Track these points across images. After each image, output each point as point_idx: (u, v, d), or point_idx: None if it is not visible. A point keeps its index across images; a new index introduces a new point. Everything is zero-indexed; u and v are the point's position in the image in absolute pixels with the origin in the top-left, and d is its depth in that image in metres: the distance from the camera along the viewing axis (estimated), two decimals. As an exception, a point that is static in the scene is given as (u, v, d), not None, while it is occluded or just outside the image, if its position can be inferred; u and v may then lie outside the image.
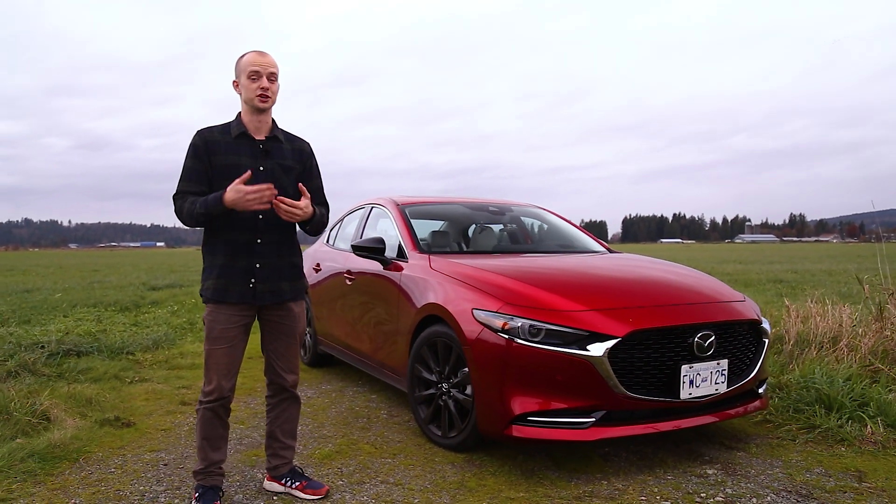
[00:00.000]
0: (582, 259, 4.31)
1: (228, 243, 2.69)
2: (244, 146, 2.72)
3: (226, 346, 2.70)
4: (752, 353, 3.47)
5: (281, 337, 2.85)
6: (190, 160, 2.67)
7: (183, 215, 2.62)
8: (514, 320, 3.12)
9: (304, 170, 2.86)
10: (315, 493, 2.86)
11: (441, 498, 2.87)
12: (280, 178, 2.75)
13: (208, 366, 2.72)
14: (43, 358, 5.61)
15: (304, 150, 2.88)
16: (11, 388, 4.10)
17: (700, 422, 3.27)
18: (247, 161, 2.70)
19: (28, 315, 9.01)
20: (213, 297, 2.68)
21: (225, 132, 2.72)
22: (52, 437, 3.52)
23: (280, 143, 2.80)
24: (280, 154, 2.79)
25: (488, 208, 5.16)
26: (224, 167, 2.66)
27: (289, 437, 2.95)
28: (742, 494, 2.87)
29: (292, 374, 2.90)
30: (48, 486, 2.97)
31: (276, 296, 2.76)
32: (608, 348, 2.98)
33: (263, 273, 2.72)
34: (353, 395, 4.84)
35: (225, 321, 2.69)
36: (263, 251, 2.73)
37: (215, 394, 2.71)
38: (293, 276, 2.83)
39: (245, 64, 2.66)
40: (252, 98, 2.65)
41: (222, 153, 2.68)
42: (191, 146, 2.69)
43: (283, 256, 2.80)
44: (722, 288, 3.71)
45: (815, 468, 3.19)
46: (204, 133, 2.70)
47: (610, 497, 2.85)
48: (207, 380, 2.72)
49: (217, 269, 2.68)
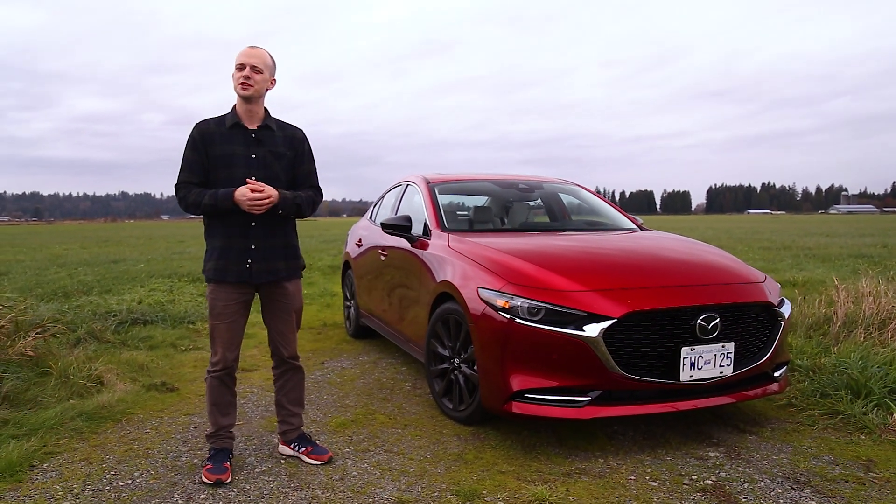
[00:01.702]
0: (600, 238, 4.29)
1: (226, 227, 2.89)
2: (237, 136, 2.90)
3: (227, 321, 2.92)
4: (765, 336, 3.40)
5: (277, 313, 3.05)
6: (189, 152, 2.88)
7: (188, 204, 2.84)
8: (515, 300, 3.18)
9: (296, 155, 3.03)
10: (318, 459, 3.06)
11: (436, 468, 3.01)
12: (272, 165, 2.93)
13: (213, 339, 2.95)
14: (113, 326, 6.10)
15: (295, 136, 3.05)
16: (72, 354, 4.52)
17: (706, 403, 3.25)
18: (240, 150, 2.89)
19: (110, 285, 9.73)
20: (214, 277, 2.91)
21: (220, 123, 2.91)
22: (102, 399, 3.89)
23: (272, 131, 2.96)
24: (272, 142, 2.96)
25: (518, 185, 5.18)
26: (219, 157, 2.86)
27: (295, 404, 3.16)
28: (735, 479, 2.85)
29: (289, 347, 3.10)
30: (90, 443, 3.31)
31: (272, 275, 2.95)
32: (603, 329, 3.01)
33: (259, 254, 2.91)
34: (385, 367, 5.03)
35: (225, 298, 2.91)
36: (258, 233, 2.91)
37: (220, 364, 2.94)
38: (288, 256, 3.02)
39: (236, 57, 2.86)
40: (235, 86, 2.85)
41: (217, 143, 2.87)
42: (189, 139, 2.89)
43: (278, 237, 2.98)
44: (737, 269, 3.62)
45: (824, 455, 3.11)
46: (201, 126, 2.90)
47: (600, 475, 2.91)
48: (213, 352, 2.96)
49: (217, 252, 2.89)
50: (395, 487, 2.79)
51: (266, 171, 2.91)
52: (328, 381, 4.61)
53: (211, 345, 2.99)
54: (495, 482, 2.82)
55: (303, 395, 3.22)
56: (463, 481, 2.83)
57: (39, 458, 3.08)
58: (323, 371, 4.91)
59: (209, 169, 2.86)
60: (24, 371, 4.00)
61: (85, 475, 2.91)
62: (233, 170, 2.86)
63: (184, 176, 2.87)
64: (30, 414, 3.54)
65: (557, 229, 4.75)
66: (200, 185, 2.85)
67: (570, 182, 5.48)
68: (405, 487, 2.79)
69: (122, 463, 3.06)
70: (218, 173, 2.84)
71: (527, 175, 5.51)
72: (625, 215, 5.03)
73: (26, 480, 2.85)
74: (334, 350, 5.70)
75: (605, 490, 2.74)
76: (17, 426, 3.37)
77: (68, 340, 5.31)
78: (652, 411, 3.17)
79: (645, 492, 2.72)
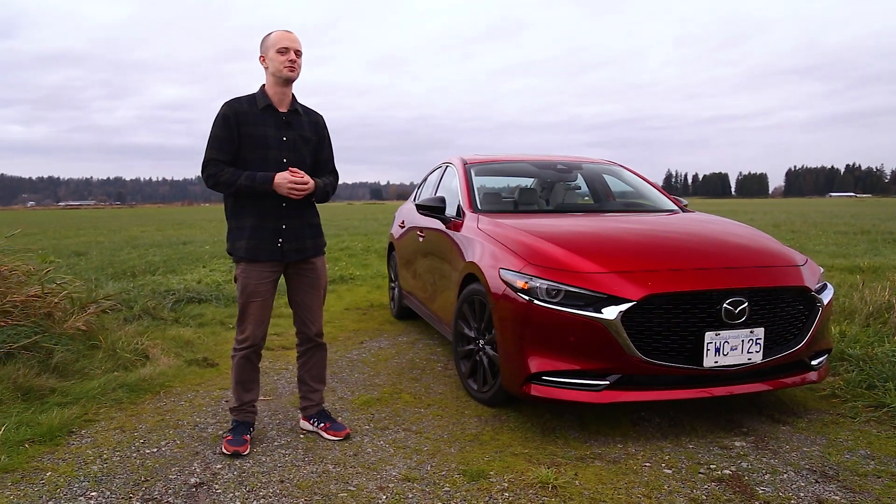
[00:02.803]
0: (632, 219, 4.16)
1: (257, 207, 2.95)
2: (269, 118, 2.96)
3: (259, 299, 3.00)
4: (801, 322, 3.22)
5: (305, 289, 3.11)
6: (219, 129, 2.92)
7: (218, 182, 2.88)
8: (534, 281, 3.14)
9: (319, 140, 3.10)
10: (335, 435, 3.12)
11: (451, 448, 3.01)
12: (301, 149, 3.01)
13: (243, 317, 3.03)
14: (170, 304, 6.39)
15: (318, 122, 3.12)
16: (122, 329, 4.76)
17: (736, 391, 3.12)
18: (272, 132, 2.95)
19: (175, 265, 10.18)
20: (246, 256, 2.96)
21: (252, 103, 2.96)
22: (144, 372, 4.09)
23: (300, 115, 3.03)
24: (300, 126, 3.03)
25: (556, 166, 5.08)
26: (252, 137, 2.92)
27: (317, 381, 3.23)
28: (756, 469, 2.74)
29: (316, 324, 3.16)
30: (126, 413, 3.49)
31: (301, 253, 3.03)
32: (622, 312, 2.93)
33: (289, 233, 2.98)
34: (421, 347, 5.07)
35: (257, 277, 2.98)
36: (289, 213, 2.98)
37: (249, 341, 3.02)
38: (313, 235, 3.10)
39: (274, 40, 2.89)
40: (281, 69, 2.88)
41: (250, 124, 2.92)
42: (220, 116, 2.93)
43: (305, 217, 3.05)
44: (772, 252, 3.44)
45: (860, 449, 2.94)
46: (233, 104, 2.95)
47: (614, 460, 2.85)
48: (241, 329, 3.04)
49: (248, 231, 2.95)
50: (406, 465, 2.82)
51: (296, 154, 2.99)
52: (363, 359, 4.69)
53: (239, 323, 3.07)
54: (505, 464, 2.81)
55: (325, 372, 3.29)
56: (473, 462, 2.83)
57: (79, 424, 3.27)
58: (360, 350, 4.99)
59: (240, 148, 2.91)
60: (75, 344, 4.24)
61: (116, 442, 3.07)
62: (266, 151, 2.93)
63: (213, 154, 2.90)
64: (76, 384, 3.76)
65: (593, 210, 4.64)
66: (229, 164, 2.90)
67: (613, 162, 5.34)
68: (415, 465, 2.81)
69: (152, 432, 3.21)
70: (249, 153, 2.90)
71: (567, 156, 5.39)
72: (667, 196, 4.86)
73: (63, 445, 3.03)
74: (376, 330, 5.79)
75: (616, 476, 2.68)
76: (63, 395, 3.59)
77: (124, 317, 5.60)
78: (675, 397, 3.07)
79: (657, 479, 2.64)
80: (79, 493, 2.55)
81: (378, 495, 2.53)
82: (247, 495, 2.54)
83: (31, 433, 3.08)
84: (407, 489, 2.58)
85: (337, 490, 2.58)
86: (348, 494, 2.54)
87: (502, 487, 2.57)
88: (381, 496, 2.53)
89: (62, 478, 2.68)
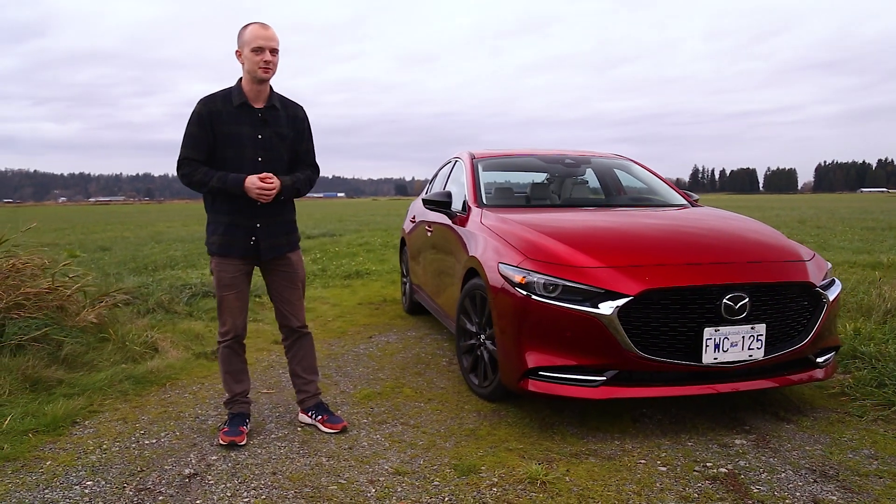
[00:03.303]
0: (637, 213, 4.10)
1: (232, 205, 2.94)
2: (245, 115, 2.93)
3: (235, 291, 3.02)
4: (805, 318, 3.15)
5: (284, 284, 3.13)
6: (195, 128, 2.89)
7: (192, 181, 2.88)
8: (532, 275, 3.12)
9: (297, 134, 3.08)
10: (332, 427, 3.14)
11: (446, 442, 3.01)
12: (277, 146, 3.00)
13: (222, 310, 3.06)
14: (185, 298, 6.47)
15: (297, 115, 3.09)
16: (133, 322, 4.84)
17: (738, 388, 3.07)
18: (247, 130, 2.94)
19: (195, 260, 10.32)
20: (219, 252, 2.98)
21: (227, 101, 2.93)
22: (152, 364, 4.15)
23: (277, 111, 3.01)
24: (277, 122, 3.00)
25: (563, 160, 5.03)
26: (227, 135, 2.91)
27: (309, 372, 3.24)
28: (754, 468, 2.68)
29: (298, 316, 3.18)
30: (131, 404, 3.55)
31: (275, 250, 3.04)
32: (618, 307, 2.89)
33: (263, 231, 2.98)
34: (429, 342, 5.07)
35: (232, 271, 3.01)
36: (263, 212, 2.98)
37: (231, 333, 3.06)
38: (287, 231, 3.10)
39: (249, 37, 2.85)
40: (255, 70, 2.85)
41: (225, 122, 2.90)
42: (195, 114, 2.90)
43: (279, 215, 3.05)
44: (777, 247, 3.37)
45: (863, 449, 2.87)
46: (208, 102, 2.92)
47: (609, 457, 2.82)
48: (222, 322, 3.07)
49: (222, 227, 2.96)
50: (399, 459, 2.82)
51: (271, 151, 2.97)
52: (369, 354, 4.70)
53: (219, 315, 3.09)
54: (498, 459, 2.79)
55: (315, 362, 3.30)
56: (466, 456, 2.82)
57: (83, 415, 3.34)
58: (368, 345, 5.00)
59: (215, 147, 2.91)
60: (86, 336, 4.32)
61: (117, 433, 3.12)
62: (241, 150, 2.92)
63: (188, 152, 2.89)
64: (84, 375, 3.83)
65: (600, 205, 4.59)
66: (204, 163, 2.90)
67: (622, 157, 5.27)
68: (408, 459, 2.81)
69: (153, 423, 3.26)
70: (225, 152, 2.89)
71: (576, 150, 5.34)
72: (677, 191, 4.79)
73: (66, 434, 3.09)
74: (386, 325, 5.80)
75: (608, 472, 2.65)
76: (70, 386, 3.66)
77: (138, 310, 5.69)
78: (675, 394, 3.03)
79: (649, 476, 2.61)
80: (75, 482, 2.60)
81: (367, 488, 2.54)
82: (238, 487, 2.56)
83: (35, 423, 3.14)
84: (397, 483, 2.59)
85: (328, 482, 2.59)
86: (338, 487, 2.55)
87: (492, 483, 2.56)
88: (370, 489, 2.53)
89: (61, 467, 2.73)
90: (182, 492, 2.52)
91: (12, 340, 3.84)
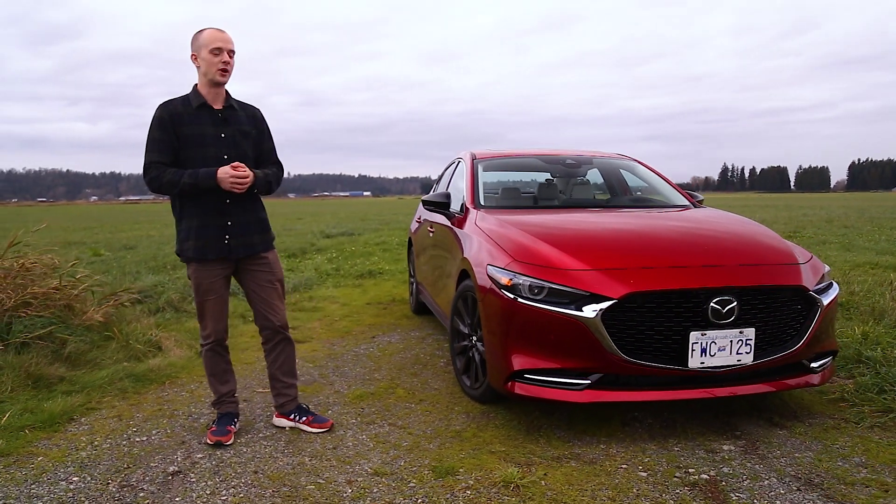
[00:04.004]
0: (632, 214, 4.06)
1: (202, 206, 2.95)
2: (205, 116, 2.96)
3: (214, 296, 3.06)
4: (798, 322, 3.09)
5: (262, 285, 3.15)
6: (157, 132, 2.90)
7: (162, 183, 2.87)
8: (518, 277, 3.11)
9: (259, 133, 3.12)
10: (320, 427, 3.17)
11: (431, 444, 3.01)
12: (240, 143, 3.03)
13: (202, 315, 3.10)
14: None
15: (256, 115, 3.14)
16: (138, 321, 4.93)
17: (726, 392, 3.03)
18: (209, 129, 2.97)
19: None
20: (195, 256, 2.98)
21: (186, 104, 2.96)
22: (153, 363, 4.23)
23: (235, 110, 3.04)
24: (237, 121, 3.04)
25: (564, 161, 5.00)
26: (189, 136, 2.93)
27: (288, 376, 3.26)
28: (737, 475, 2.64)
29: (278, 316, 3.19)
30: (128, 402, 3.62)
31: (249, 248, 3.06)
32: (601, 310, 2.87)
33: (235, 229, 3.00)
34: (430, 343, 5.08)
35: (209, 276, 3.03)
36: (234, 210, 3.00)
37: (212, 336, 3.10)
38: (261, 230, 3.12)
39: (207, 40, 2.88)
40: (213, 72, 2.89)
41: (186, 124, 2.93)
42: (156, 119, 2.91)
43: (251, 212, 3.07)
44: (770, 250, 3.31)
45: (854, 457, 2.80)
46: (167, 106, 2.94)
47: (591, 461, 2.80)
48: (203, 326, 3.12)
49: (194, 231, 2.96)
50: (380, 460, 2.83)
51: (236, 149, 3.00)
52: (368, 354, 4.73)
53: (199, 320, 3.14)
54: (478, 461, 2.79)
55: (295, 366, 3.31)
56: (447, 458, 2.83)
57: (80, 412, 3.41)
58: (369, 345, 5.03)
59: (179, 148, 2.92)
60: (91, 335, 4.42)
61: (110, 430, 3.19)
62: (204, 149, 2.93)
63: (153, 157, 2.88)
64: (85, 373, 3.92)
65: (599, 206, 4.55)
66: (169, 165, 2.90)
67: (626, 157, 5.22)
68: (389, 460, 2.83)
69: (147, 421, 3.32)
70: (189, 153, 2.91)
71: (580, 150, 5.30)
72: (680, 192, 4.73)
73: (61, 431, 3.17)
74: (391, 325, 5.82)
75: (586, 477, 2.63)
76: (71, 383, 3.75)
77: (148, 309, 5.80)
78: (663, 398, 2.99)
79: (628, 482, 2.58)
80: (62, 477, 2.66)
81: (344, 489, 2.56)
82: (218, 485, 2.60)
83: (32, 419, 3.23)
84: (374, 483, 2.60)
85: (306, 482, 2.62)
86: (315, 487, 2.58)
87: (467, 485, 2.56)
88: (346, 489, 2.55)
89: (51, 463, 2.80)
90: (164, 489, 2.57)
91: (17, 338, 3.95)
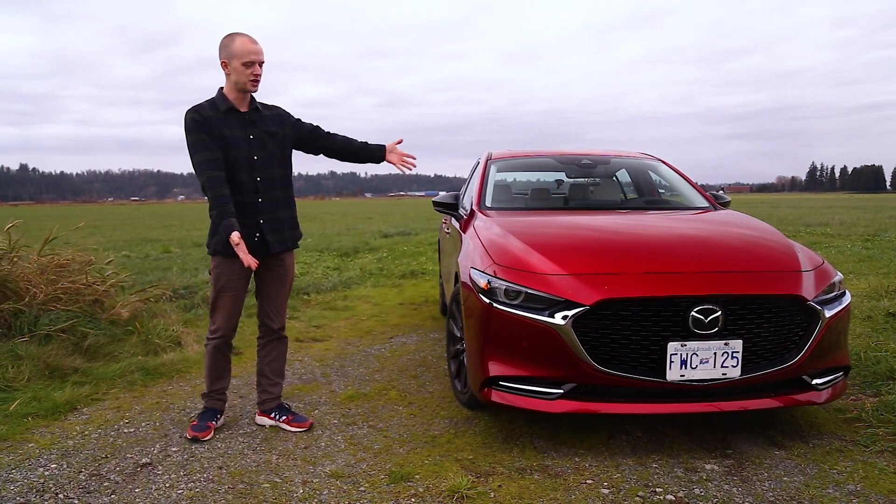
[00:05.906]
0: (633, 217, 3.87)
1: (235, 205, 3.00)
2: (233, 119, 3.05)
3: (231, 293, 3.13)
4: (797, 335, 2.86)
5: (274, 284, 3.21)
6: (196, 134, 2.98)
7: (207, 193, 2.95)
8: (495, 281, 3.03)
9: (291, 127, 3.21)
10: (299, 426, 3.20)
11: (401, 448, 2.98)
12: (268, 144, 3.11)
13: (215, 309, 3.17)
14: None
15: (281, 114, 3.21)
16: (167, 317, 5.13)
17: (710, 408, 2.84)
18: (238, 132, 3.04)
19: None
20: (223, 251, 3.03)
21: (214, 108, 3.04)
22: (167, 357, 4.39)
23: (261, 112, 3.11)
24: (263, 122, 3.11)
25: (580, 161, 4.84)
26: (220, 138, 3.01)
27: (276, 374, 3.31)
28: (709, 498, 2.47)
29: (279, 318, 3.25)
30: (133, 394, 3.77)
31: (282, 244, 3.16)
32: (571, 316, 2.75)
33: (268, 227, 3.09)
34: (444, 345, 5.03)
35: (230, 272, 3.10)
36: (265, 208, 3.09)
37: (220, 332, 3.17)
38: (291, 226, 3.23)
39: (240, 52, 2.94)
40: (245, 83, 2.98)
41: (216, 126, 3.01)
42: (190, 121, 3.00)
43: (282, 210, 3.16)
44: (768, 256, 3.08)
45: (850, 484, 2.56)
46: (198, 109, 3.03)
47: (557, 474, 2.68)
48: (213, 321, 3.19)
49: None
50: (345, 462, 2.83)
51: (264, 150, 3.09)
52: (378, 355, 4.74)
53: (211, 314, 3.22)
54: (437, 469, 2.74)
55: (284, 366, 3.37)
56: (409, 464, 2.79)
57: (85, 402, 3.58)
58: (383, 345, 5.04)
59: None
60: (114, 329, 4.64)
61: (104, 420, 3.33)
62: (236, 150, 3.02)
63: (203, 156, 2.93)
64: (101, 365, 4.11)
65: (609, 208, 4.38)
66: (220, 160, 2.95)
67: (648, 156, 5.01)
68: (353, 463, 2.81)
69: (141, 413, 3.45)
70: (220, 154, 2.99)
71: (602, 150, 5.12)
72: (702, 194, 4.48)
73: (60, 420, 3.34)
74: (415, 325, 5.82)
75: (543, 491, 2.53)
76: (84, 375, 3.94)
77: (183, 305, 6.04)
78: (641, 412, 2.85)
79: (585, 499, 2.46)
80: (41, 464, 2.80)
81: (296, 489, 2.57)
82: (180, 479, 2.66)
83: (38, 407, 3.41)
84: (327, 485, 2.60)
85: (264, 480, 2.65)
86: (270, 486, 2.60)
87: (415, 493, 2.51)
88: (299, 490, 2.56)
89: (38, 449, 2.95)
90: (129, 480, 2.66)
91: (42, 330, 4.19)
